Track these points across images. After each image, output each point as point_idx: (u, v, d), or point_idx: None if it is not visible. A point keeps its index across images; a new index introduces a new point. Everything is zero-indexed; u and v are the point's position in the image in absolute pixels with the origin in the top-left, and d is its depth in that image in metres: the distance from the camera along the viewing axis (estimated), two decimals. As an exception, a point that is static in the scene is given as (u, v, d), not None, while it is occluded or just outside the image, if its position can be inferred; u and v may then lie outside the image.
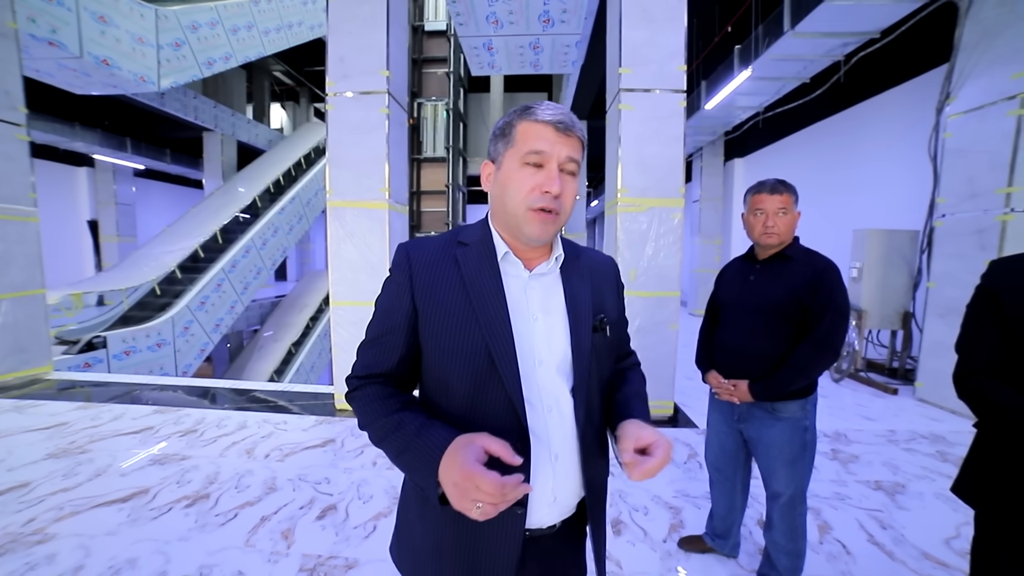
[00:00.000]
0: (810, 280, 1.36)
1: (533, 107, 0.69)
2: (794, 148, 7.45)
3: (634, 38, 2.99)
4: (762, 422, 1.44)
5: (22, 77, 4.00)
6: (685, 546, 1.78)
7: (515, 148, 0.69)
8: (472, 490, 0.54)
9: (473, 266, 0.71)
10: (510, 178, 0.69)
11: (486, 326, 0.67)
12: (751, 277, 1.48)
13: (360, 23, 3.14)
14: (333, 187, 3.20)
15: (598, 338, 0.74)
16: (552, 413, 0.70)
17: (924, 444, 2.82)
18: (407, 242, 0.75)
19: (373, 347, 0.74)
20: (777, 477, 1.44)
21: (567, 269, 0.76)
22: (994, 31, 3.17)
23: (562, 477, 0.70)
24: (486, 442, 0.58)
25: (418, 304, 0.70)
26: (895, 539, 1.87)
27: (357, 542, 1.84)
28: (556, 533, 0.73)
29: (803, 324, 1.38)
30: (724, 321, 1.53)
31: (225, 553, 1.76)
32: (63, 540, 1.80)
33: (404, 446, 0.64)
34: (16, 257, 3.95)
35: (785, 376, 1.36)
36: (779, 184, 1.40)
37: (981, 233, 3.20)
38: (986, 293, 0.91)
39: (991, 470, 0.90)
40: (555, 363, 0.71)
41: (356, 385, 0.74)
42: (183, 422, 3.06)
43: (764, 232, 1.40)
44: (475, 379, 0.67)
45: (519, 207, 0.68)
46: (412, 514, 0.75)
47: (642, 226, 3.05)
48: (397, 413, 0.68)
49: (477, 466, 0.55)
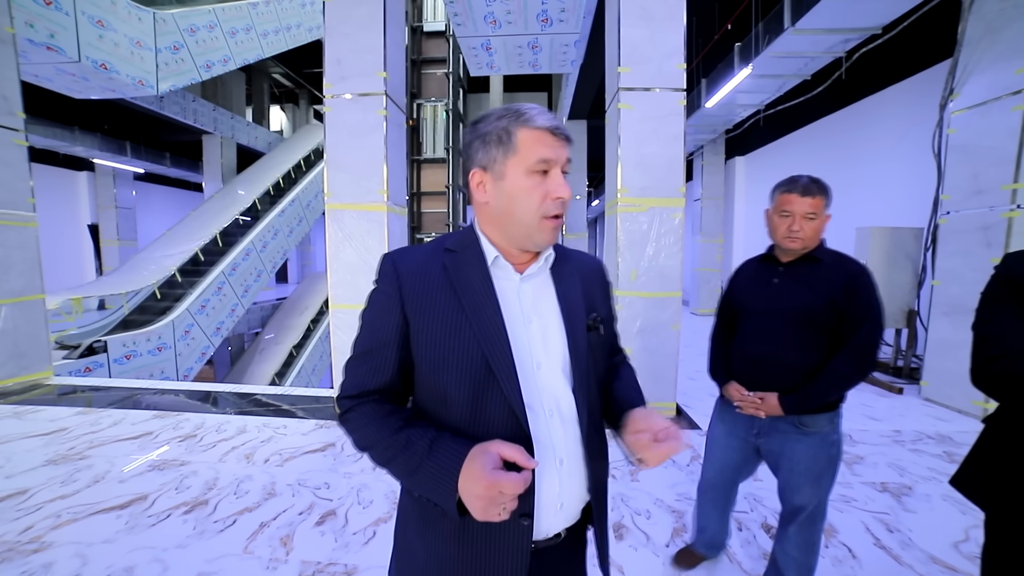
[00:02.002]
0: (845, 285, 1.26)
1: (525, 112, 0.68)
2: (796, 146, 7.42)
3: (633, 37, 2.96)
4: (786, 436, 1.33)
5: (20, 82, 3.99)
6: (681, 564, 1.67)
7: (519, 156, 0.67)
8: (498, 497, 0.55)
9: (463, 272, 0.70)
10: (519, 188, 0.67)
11: (480, 331, 0.66)
12: (775, 280, 1.35)
13: (357, 25, 3.12)
14: (331, 189, 3.19)
15: (593, 337, 0.73)
16: (554, 417, 0.68)
17: (931, 444, 2.79)
18: (391, 252, 0.74)
19: (363, 363, 0.71)
20: (801, 493, 1.34)
21: (557, 270, 0.75)
22: (997, 26, 3.13)
23: (567, 482, 0.69)
24: (500, 448, 0.58)
25: (408, 315, 0.68)
26: (902, 542, 1.84)
27: (356, 548, 1.81)
28: (562, 543, 0.71)
29: (835, 332, 1.27)
30: (745, 328, 1.40)
31: (223, 560, 1.74)
32: (60, 548, 1.78)
33: (416, 466, 0.63)
34: (15, 262, 3.94)
35: (821, 387, 1.26)
36: (812, 184, 1.26)
37: (987, 230, 3.17)
38: (1006, 281, 0.89)
39: (1003, 466, 0.87)
40: (554, 364, 0.69)
41: (348, 406, 0.71)
42: (183, 427, 3.05)
43: (788, 236, 1.28)
44: (473, 387, 0.65)
45: (533, 217, 0.67)
46: (412, 534, 0.72)
47: (642, 226, 3.02)
48: (402, 432, 0.65)
49: (497, 474, 0.56)
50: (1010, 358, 0.84)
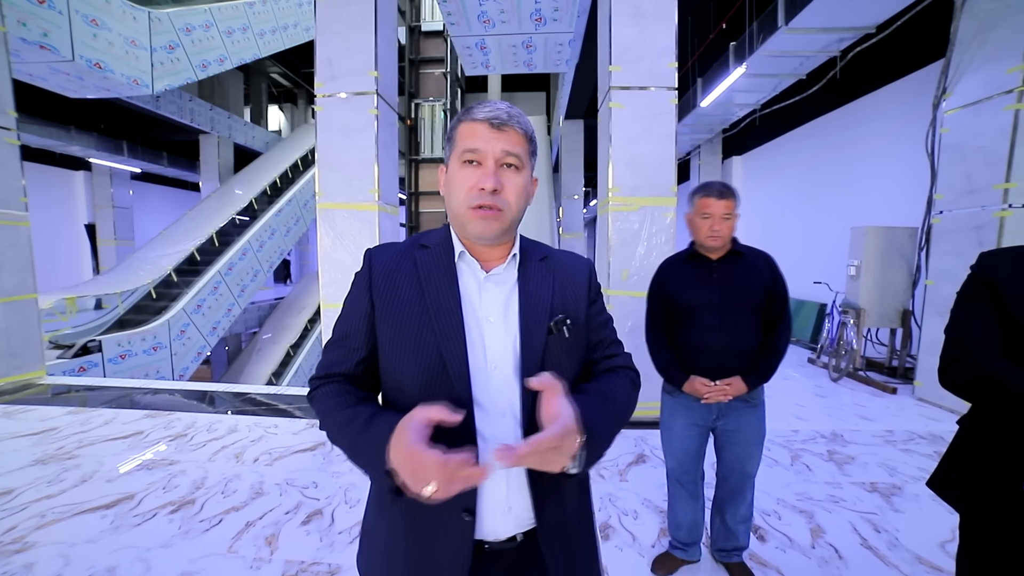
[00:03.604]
0: (769, 273, 1.48)
1: (472, 107, 0.70)
2: (792, 145, 7.42)
3: (624, 35, 2.96)
4: (741, 412, 1.51)
5: (12, 81, 3.97)
6: (660, 570, 1.67)
7: (456, 148, 0.70)
8: (420, 470, 0.53)
9: (430, 267, 0.72)
10: (452, 179, 0.70)
11: (439, 328, 0.67)
12: (714, 276, 1.48)
13: (348, 24, 3.12)
14: (323, 189, 3.18)
15: (553, 340, 0.70)
16: (506, 417, 0.67)
17: (922, 444, 2.78)
18: (373, 247, 0.77)
19: (335, 348, 0.74)
20: (753, 460, 1.54)
21: (526, 270, 0.74)
22: (989, 25, 3.13)
23: (516, 485, 0.68)
24: (423, 412, 0.56)
25: (376, 305, 0.71)
26: (889, 543, 1.83)
27: (341, 548, 1.81)
28: (519, 548, 0.69)
29: (767, 312, 1.48)
30: (696, 323, 1.48)
31: (207, 560, 1.73)
32: (43, 548, 1.77)
33: (355, 439, 0.64)
34: (7, 262, 3.93)
35: (773, 362, 1.47)
36: (725, 189, 1.43)
37: (979, 229, 3.16)
38: (980, 281, 0.88)
39: (979, 467, 0.86)
40: (510, 366, 0.68)
41: (316, 385, 0.73)
42: (173, 426, 3.04)
43: (710, 235, 1.44)
44: (426, 382, 0.66)
45: (461, 206, 0.69)
46: (371, 519, 0.74)
47: (634, 225, 3.01)
48: (350, 408, 0.67)
49: (419, 444, 0.53)
50: (974, 358, 0.83)
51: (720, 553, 1.65)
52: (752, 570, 1.62)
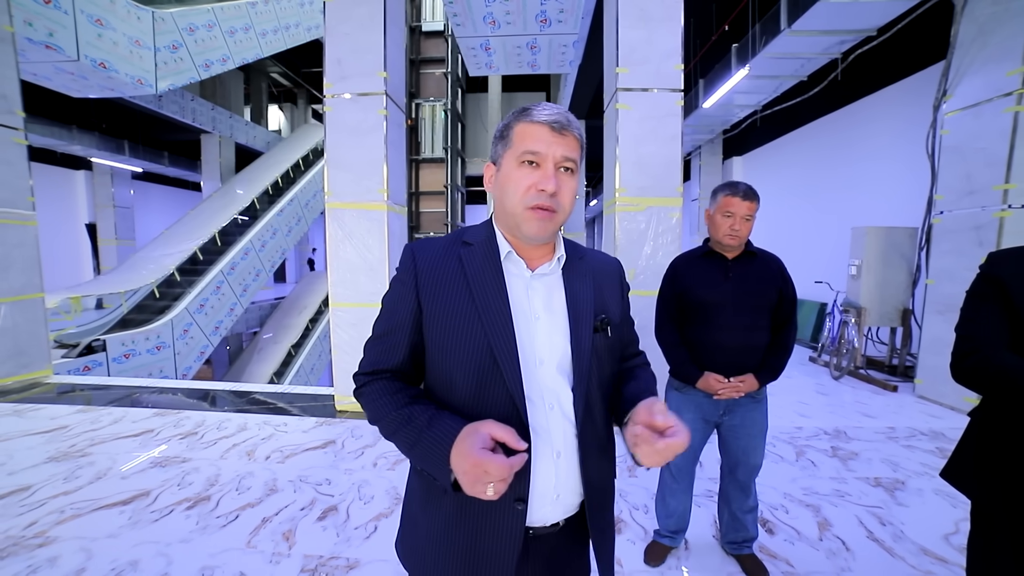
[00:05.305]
0: (780, 275, 1.53)
1: (530, 108, 0.71)
2: (792, 146, 7.46)
3: (631, 38, 2.99)
4: (747, 408, 1.56)
5: (19, 81, 3.99)
6: (653, 559, 1.71)
7: (512, 149, 0.71)
8: (482, 475, 0.58)
9: (477, 265, 0.73)
10: (508, 178, 0.71)
11: (489, 325, 0.69)
12: (730, 275, 1.50)
13: (357, 25, 3.14)
14: (332, 189, 3.21)
15: (599, 338, 0.74)
16: (554, 411, 0.70)
17: (924, 441, 2.83)
18: (413, 243, 0.78)
19: (379, 343, 0.76)
20: (757, 452, 1.59)
21: (569, 270, 0.77)
22: (989, 28, 3.18)
23: (564, 474, 0.71)
24: (491, 428, 0.61)
25: (423, 302, 0.72)
26: (894, 535, 1.87)
27: (358, 542, 1.84)
28: (560, 532, 0.73)
29: (777, 312, 1.53)
30: (711, 321, 1.50)
31: (227, 554, 1.76)
32: (65, 543, 1.80)
33: (415, 439, 0.67)
34: (15, 261, 3.95)
35: (782, 359, 1.53)
36: (750, 191, 1.45)
37: (979, 229, 3.21)
38: (989, 280, 0.92)
39: (991, 456, 0.90)
40: (556, 362, 0.71)
41: (363, 382, 0.76)
42: (183, 425, 3.06)
43: (729, 234, 1.46)
44: (478, 376, 0.69)
45: (517, 206, 0.70)
46: (416, 508, 0.77)
47: (640, 225, 3.05)
48: (407, 407, 0.69)
49: (484, 453, 0.58)
50: (983, 353, 0.87)
51: (731, 545, 1.69)
52: (763, 561, 1.66)
